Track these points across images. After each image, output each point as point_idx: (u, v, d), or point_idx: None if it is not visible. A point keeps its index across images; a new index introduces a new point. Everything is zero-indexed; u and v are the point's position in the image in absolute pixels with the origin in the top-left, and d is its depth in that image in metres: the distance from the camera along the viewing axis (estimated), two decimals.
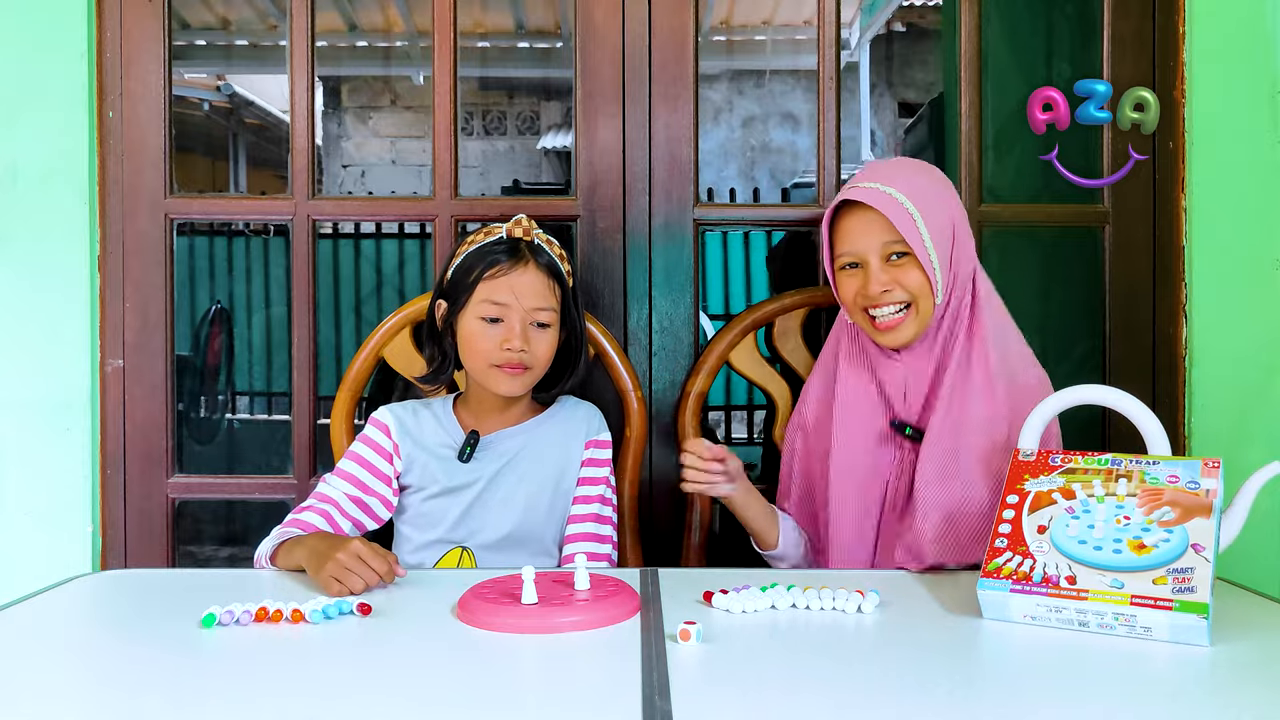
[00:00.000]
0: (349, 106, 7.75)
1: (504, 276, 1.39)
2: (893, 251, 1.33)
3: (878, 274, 1.33)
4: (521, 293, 1.39)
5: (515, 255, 1.40)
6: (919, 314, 1.34)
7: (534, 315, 1.40)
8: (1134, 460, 1.07)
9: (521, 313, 1.39)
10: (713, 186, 6.57)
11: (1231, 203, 1.67)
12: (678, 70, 1.70)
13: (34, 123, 1.66)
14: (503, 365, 1.38)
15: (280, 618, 1.01)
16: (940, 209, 1.35)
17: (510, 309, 1.38)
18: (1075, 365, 2.21)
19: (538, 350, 1.40)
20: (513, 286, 1.39)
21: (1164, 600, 0.94)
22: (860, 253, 1.35)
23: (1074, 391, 1.18)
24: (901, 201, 1.32)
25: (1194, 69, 1.68)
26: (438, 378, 1.48)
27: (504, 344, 1.37)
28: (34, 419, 1.67)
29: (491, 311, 1.39)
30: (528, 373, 1.40)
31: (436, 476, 1.43)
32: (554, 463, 1.46)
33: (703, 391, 1.63)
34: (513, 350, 1.37)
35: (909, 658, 0.93)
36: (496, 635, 0.98)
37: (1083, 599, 0.97)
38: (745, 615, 1.04)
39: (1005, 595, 1.01)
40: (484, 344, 1.39)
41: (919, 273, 1.33)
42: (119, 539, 1.71)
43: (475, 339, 1.40)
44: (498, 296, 1.39)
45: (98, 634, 1.04)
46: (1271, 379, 1.66)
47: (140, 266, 1.70)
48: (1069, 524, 1.04)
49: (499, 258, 1.40)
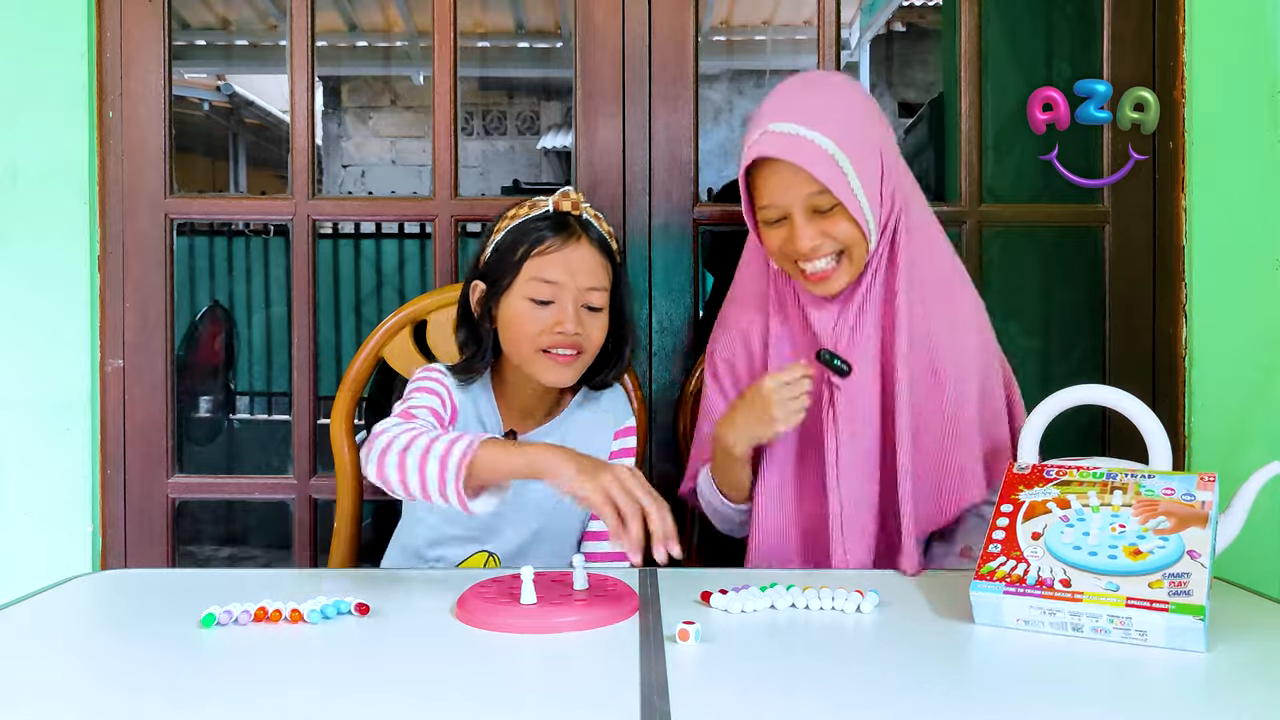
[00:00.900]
0: (349, 106, 7.75)
1: (556, 253, 1.28)
2: (819, 203, 1.22)
3: (804, 228, 1.23)
4: (575, 270, 1.27)
5: (566, 230, 1.29)
6: (852, 261, 1.26)
7: (586, 296, 1.29)
8: (1129, 473, 1.06)
9: (574, 292, 1.28)
10: (713, 186, 6.56)
11: (1231, 203, 1.67)
12: (678, 70, 1.70)
13: (34, 123, 1.66)
14: (552, 349, 1.28)
15: (279, 617, 1.01)
16: (869, 145, 1.23)
17: (563, 288, 1.28)
18: (1075, 365, 2.21)
19: (591, 333, 1.30)
20: (567, 263, 1.27)
21: (1159, 602, 0.93)
22: (783, 205, 1.24)
23: (1074, 391, 1.18)
24: (828, 150, 1.19)
25: (1194, 69, 1.68)
26: (472, 367, 1.36)
27: (555, 326, 1.27)
28: (34, 419, 1.67)
29: (542, 292, 1.28)
30: (579, 358, 1.30)
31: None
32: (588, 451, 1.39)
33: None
34: (566, 333, 1.27)
35: (908, 658, 0.93)
36: (495, 635, 0.98)
37: (1077, 600, 0.96)
38: (744, 615, 1.04)
39: (998, 597, 1.00)
40: (532, 326, 1.28)
41: (849, 223, 1.23)
42: (119, 539, 1.71)
43: (522, 321, 1.29)
44: (549, 274, 1.27)
45: (97, 634, 1.04)
46: (1271, 379, 1.66)
47: (140, 266, 1.70)
48: (1064, 531, 1.03)
49: (547, 233, 1.29)
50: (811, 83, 1.30)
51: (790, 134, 1.21)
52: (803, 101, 1.24)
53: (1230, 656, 0.91)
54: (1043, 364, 2.39)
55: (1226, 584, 1.16)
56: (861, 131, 1.23)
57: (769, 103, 1.27)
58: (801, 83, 1.30)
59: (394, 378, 1.66)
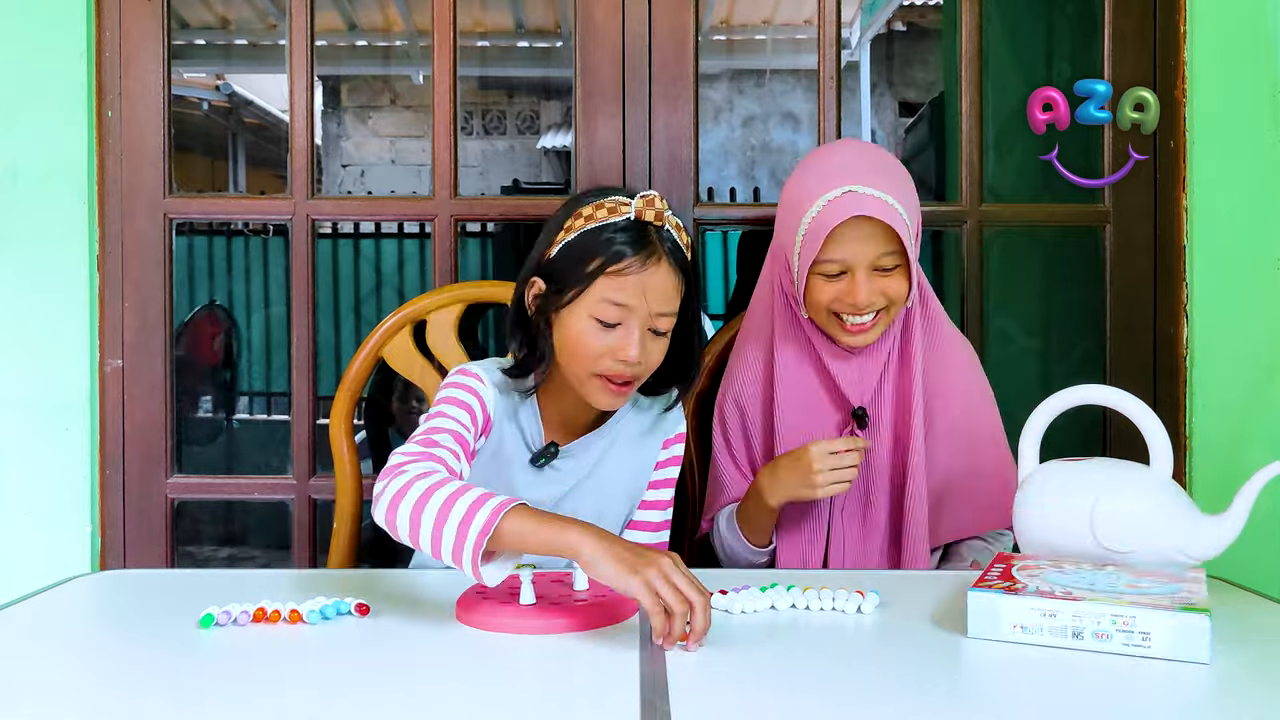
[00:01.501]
0: (349, 106, 7.75)
1: (633, 275, 1.15)
2: (884, 263, 1.30)
3: (866, 283, 1.29)
4: (650, 294, 1.16)
5: (646, 248, 1.16)
6: (888, 317, 1.34)
7: (655, 321, 1.18)
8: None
9: (644, 317, 1.17)
10: (713, 186, 6.57)
11: (1231, 203, 1.67)
12: (678, 70, 1.70)
13: (34, 123, 1.66)
14: (607, 375, 1.18)
15: (278, 618, 1.01)
16: (917, 210, 1.34)
17: (633, 312, 1.16)
18: (1075, 365, 2.21)
19: (651, 360, 1.20)
20: (642, 286, 1.15)
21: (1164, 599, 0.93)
22: (850, 261, 1.29)
23: (1074, 391, 1.18)
24: (899, 210, 1.28)
25: (1194, 69, 1.67)
26: (526, 375, 1.23)
27: (619, 352, 1.16)
28: (34, 419, 1.67)
29: (610, 315, 1.16)
30: (634, 385, 1.21)
31: (509, 477, 1.25)
32: (631, 469, 1.32)
33: (702, 391, 1.63)
34: (628, 361, 1.16)
35: (908, 658, 0.93)
36: (495, 635, 0.98)
37: (1078, 601, 0.93)
38: (745, 615, 1.04)
39: (997, 597, 0.96)
40: (593, 349, 1.17)
41: (904, 281, 1.31)
42: (118, 539, 1.70)
43: (583, 340, 1.17)
44: (622, 298, 1.15)
45: (96, 634, 1.04)
46: (1271, 379, 1.66)
47: (140, 266, 1.70)
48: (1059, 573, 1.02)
49: (626, 249, 1.15)
50: (871, 150, 1.38)
51: (878, 199, 1.27)
52: (875, 167, 1.31)
53: (1230, 658, 0.91)
54: (1043, 364, 2.39)
55: (1226, 584, 1.15)
56: (914, 199, 1.33)
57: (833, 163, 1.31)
58: (864, 150, 1.37)
59: (394, 378, 1.65)
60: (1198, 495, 1.58)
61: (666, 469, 1.36)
